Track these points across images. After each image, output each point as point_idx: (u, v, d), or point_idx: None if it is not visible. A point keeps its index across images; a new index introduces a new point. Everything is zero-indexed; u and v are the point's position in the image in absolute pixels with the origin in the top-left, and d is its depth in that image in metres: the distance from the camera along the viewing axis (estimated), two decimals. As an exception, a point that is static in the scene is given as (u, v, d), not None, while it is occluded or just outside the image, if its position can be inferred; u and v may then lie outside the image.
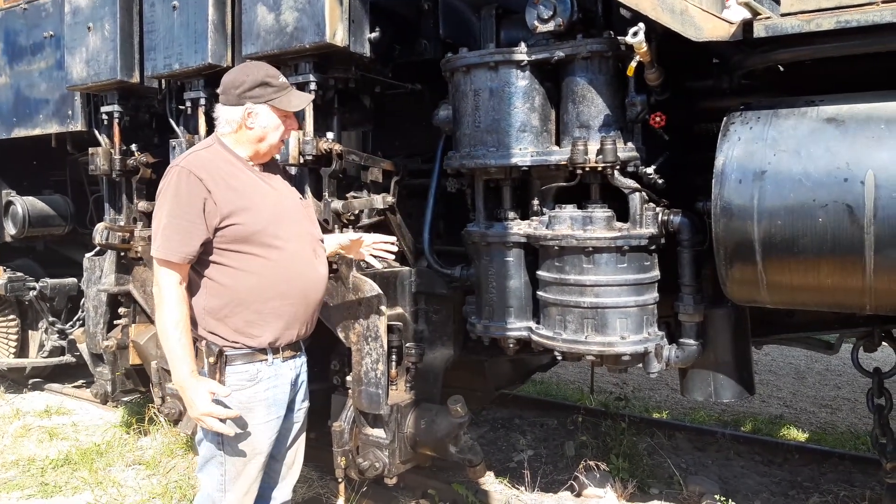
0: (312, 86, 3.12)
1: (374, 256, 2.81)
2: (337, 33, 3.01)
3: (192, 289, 2.33)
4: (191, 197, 2.24)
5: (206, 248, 2.29)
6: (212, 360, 2.32)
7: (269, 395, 2.37)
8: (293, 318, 2.40)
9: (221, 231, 2.27)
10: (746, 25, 2.39)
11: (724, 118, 2.60)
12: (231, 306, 2.30)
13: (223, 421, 2.28)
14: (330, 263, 3.03)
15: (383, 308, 3.01)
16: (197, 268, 2.32)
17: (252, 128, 2.38)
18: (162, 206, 2.29)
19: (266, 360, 2.36)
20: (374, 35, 3.18)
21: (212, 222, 2.25)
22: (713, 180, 2.51)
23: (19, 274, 5.78)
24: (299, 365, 2.52)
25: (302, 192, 2.87)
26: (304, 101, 2.51)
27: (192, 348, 2.29)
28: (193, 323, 2.33)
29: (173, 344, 2.25)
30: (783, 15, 2.34)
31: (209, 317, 2.32)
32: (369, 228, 3.46)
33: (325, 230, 3.11)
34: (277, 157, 2.70)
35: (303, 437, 2.63)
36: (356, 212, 3.31)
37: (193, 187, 2.24)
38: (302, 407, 2.58)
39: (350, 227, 3.32)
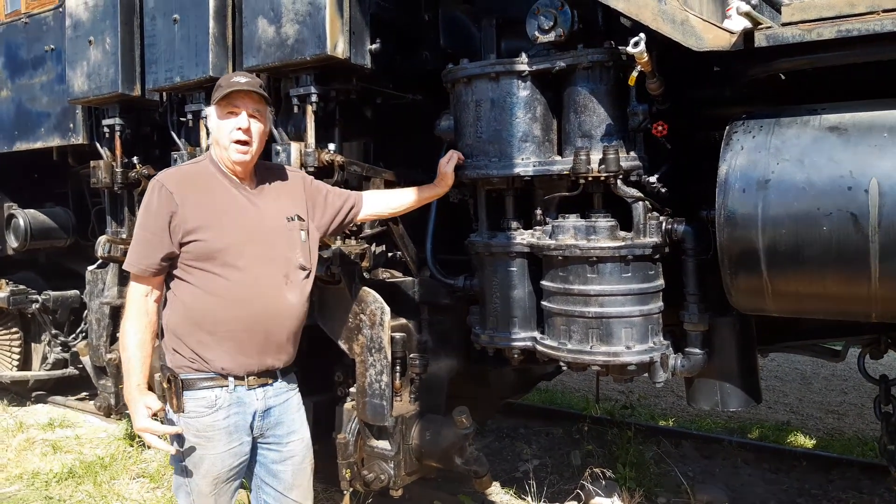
0: (314, 98, 3.12)
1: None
2: (338, 45, 3.01)
3: (165, 304, 2.36)
4: (159, 210, 2.25)
5: (174, 263, 2.29)
6: (165, 384, 2.29)
7: (229, 423, 2.30)
8: (249, 345, 2.30)
9: (186, 247, 2.26)
10: (747, 35, 2.39)
11: (727, 127, 2.59)
12: (186, 324, 2.28)
13: (180, 443, 2.27)
14: (333, 274, 3.04)
15: (387, 319, 3.00)
16: (168, 282, 2.34)
17: (211, 132, 2.40)
18: (137, 218, 2.34)
19: (227, 386, 2.30)
20: (374, 46, 3.18)
21: (176, 237, 2.25)
22: (716, 189, 2.50)
23: (22, 287, 5.80)
24: (271, 395, 2.39)
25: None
26: (228, 89, 2.29)
27: (148, 362, 2.30)
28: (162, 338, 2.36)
29: (127, 355, 2.28)
30: (784, 24, 2.34)
31: (171, 333, 2.32)
32: (372, 239, 3.46)
33: (326, 244, 3.11)
34: (291, 170, 2.67)
35: (307, 468, 2.53)
36: (358, 223, 3.31)
37: (163, 201, 2.25)
38: (292, 439, 2.46)
39: (352, 237, 3.31)
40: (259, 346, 2.33)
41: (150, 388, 2.36)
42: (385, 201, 2.93)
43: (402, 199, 2.96)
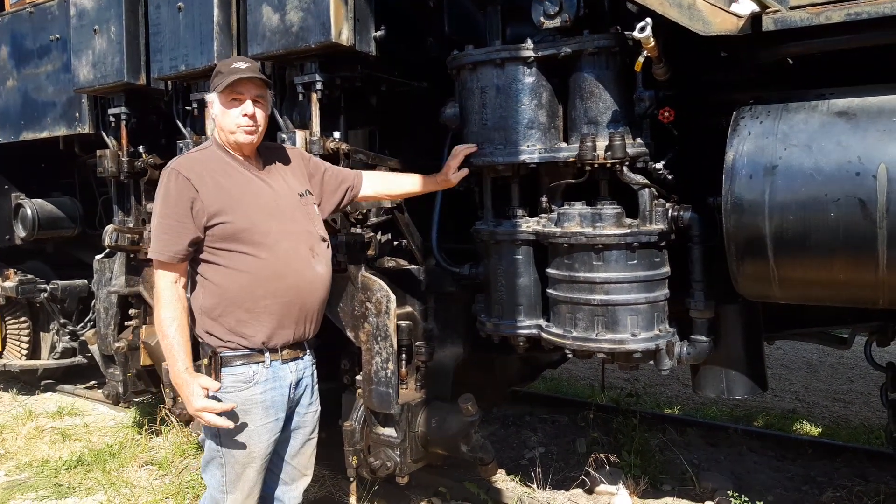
0: (318, 86, 3.11)
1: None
2: (342, 32, 3.00)
3: (192, 289, 2.38)
4: (179, 197, 2.27)
5: (200, 247, 2.32)
6: (205, 361, 2.35)
7: (266, 398, 2.37)
8: (287, 318, 2.38)
9: (211, 230, 2.30)
10: (755, 19, 2.37)
11: (734, 112, 2.57)
12: (223, 305, 2.32)
13: (222, 415, 2.29)
14: (339, 262, 3.05)
15: (392, 307, 3.00)
16: (194, 267, 2.36)
17: (214, 118, 2.42)
18: (155, 208, 2.35)
19: (263, 361, 2.37)
20: (379, 34, 3.17)
21: (200, 222, 2.28)
22: (723, 175, 2.49)
23: (30, 276, 5.83)
24: (302, 368, 2.50)
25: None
26: (232, 77, 2.33)
27: (189, 345, 2.32)
28: (194, 322, 2.37)
29: (169, 341, 2.29)
30: (792, 8, 2.32)
31: (205, 316, 2.35)
32: (377, 227, 3.46)
33: (332, 230, 3.11)
34: (290, 148, 2.72)
35: (314, 439, 2.63)
36: (364, 211, 3.31)
37: (182, 188, 2.28)
38: (310, 410, 2.57)
39: (358, 226, 3.31)
40: (295, 318, 2.41)
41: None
42: (384, 184, 2.95)
43: (401, 184, 2.99)
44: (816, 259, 2.36)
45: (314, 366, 2.60)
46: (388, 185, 2.96)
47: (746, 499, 3.53)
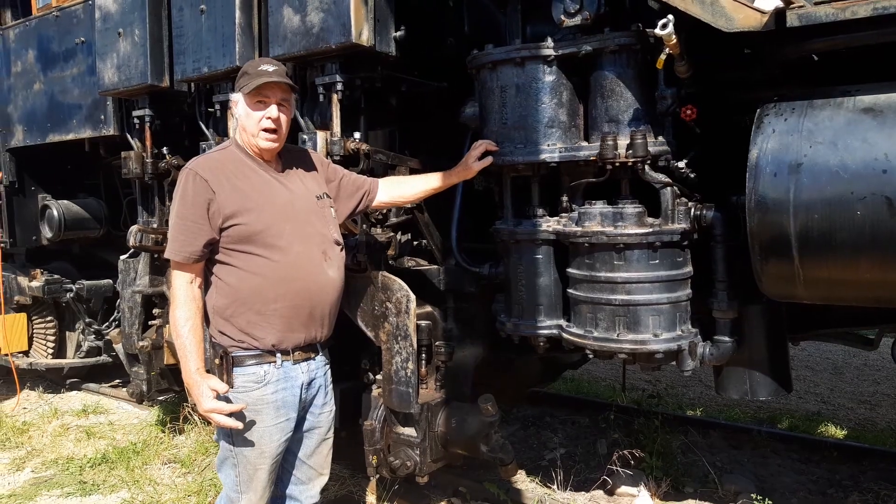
0: (339, 86, 3.13)
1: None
2: (362, 33, 3.01)
3: (206, 288, 2.39)
4: (196, 198, 2.29)
5: (215, 248, 2.34)
6: (217, 361, 2.36)
7: (277, 398, 2.38)
8: (297, 321, 2.38)
9: (226, 231, 2.31)
10: (779, 15, 2.33)
11: (758, 110, 2.54)
12: (235, 306, 2.34)
13: (232, 415, 2.31)
14: (359, 262, 3.06)
15: (412, 307, 3.01)
16: (209, 267, 2.37)
17: (237, 118, 2.43)
18: (172, 208, 2.37)
19: (275, 362, 2.37)
20: (399, 34, 3.18)
21: (216, 223, 2.30)
22: (747, 174, 2.46)
23: (56, 276, 5.91)
24: (314, 368, 2.50)
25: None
26: (259, 80, 2.34)
27: (202, 346, 2.34)
28: (207, 322, 2.39)
29: (182, 341, 2.31)
30: (817, 3, 2.28)
31: (218, 316, 2.37)
32: (397, 227, 3.47)
33: (353, 231, 3.13)
34: (310, 152, 2.74)
35: (330, 439, 2.63)
36: (384, 211, 3.32)
37: (199, 189, 2.29)
38: (324, 410, 2.57)
39: (378, 225, 3.32)
40: (305, 321, 2.41)
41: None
42: (400, 188, 2.94)
43: (417, 187, 2.98)
44: (842, 258, 2.32)
45: (327, 366, 2.60)
46: (404, 189, 2.95)
47: (770, 502, 3.48)
